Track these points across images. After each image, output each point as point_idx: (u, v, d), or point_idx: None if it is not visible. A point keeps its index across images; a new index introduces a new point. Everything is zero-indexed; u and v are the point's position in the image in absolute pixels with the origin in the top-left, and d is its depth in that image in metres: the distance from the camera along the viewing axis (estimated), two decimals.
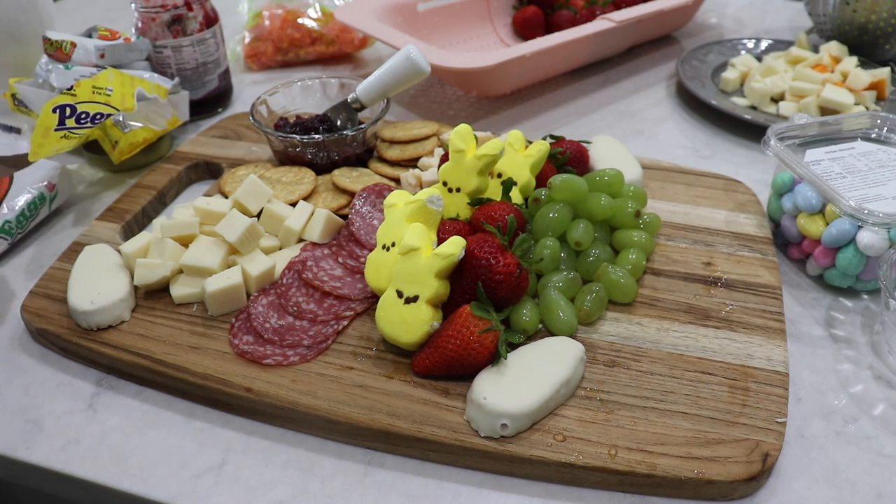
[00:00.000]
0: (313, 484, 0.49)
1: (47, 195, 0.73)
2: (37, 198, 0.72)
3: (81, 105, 0.74)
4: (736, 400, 0.52)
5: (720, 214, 0.71)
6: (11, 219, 0.70)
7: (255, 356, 0.55)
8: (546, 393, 0.50)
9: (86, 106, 0.75)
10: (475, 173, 0.61)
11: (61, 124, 0.73)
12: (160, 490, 0.49)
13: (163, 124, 0.80)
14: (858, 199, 0.62)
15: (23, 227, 0.71)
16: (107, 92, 0.76)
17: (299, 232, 0.66)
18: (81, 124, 0.74)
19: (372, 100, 0.77)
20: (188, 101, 0.85)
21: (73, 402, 0.55)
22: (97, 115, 0.74)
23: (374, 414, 0.51)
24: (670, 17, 1.11)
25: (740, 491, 0.48)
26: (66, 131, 0.73)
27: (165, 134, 0.84)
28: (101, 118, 0.74)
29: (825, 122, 0.72)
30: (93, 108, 0.74)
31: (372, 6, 0.99)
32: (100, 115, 0.75)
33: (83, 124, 0.74)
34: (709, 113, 0.94)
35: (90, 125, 0.74)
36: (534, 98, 0.98)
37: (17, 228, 0.70)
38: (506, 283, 0.53)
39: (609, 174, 0.65)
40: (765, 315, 0.59)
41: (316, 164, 0.76)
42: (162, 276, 0.60)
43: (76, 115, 0.74)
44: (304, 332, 0.58)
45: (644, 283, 0.63)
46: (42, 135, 0.72)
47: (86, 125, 0.74)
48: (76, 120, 0.74)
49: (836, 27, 1.02)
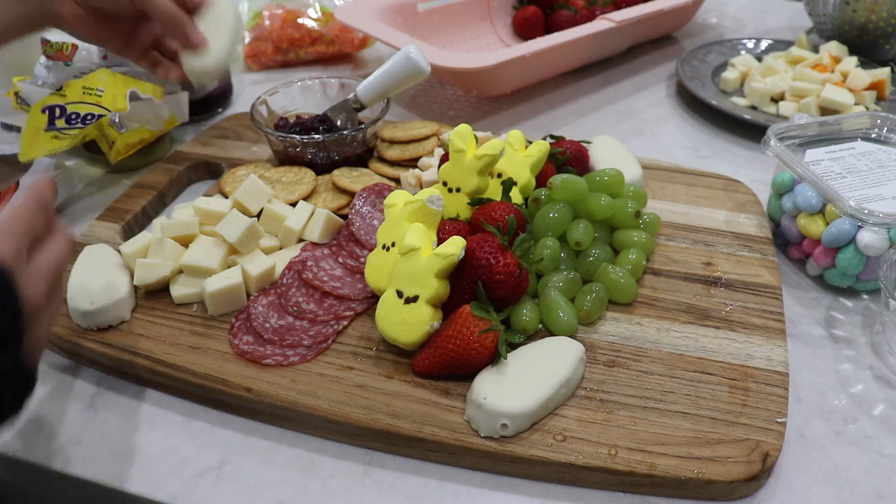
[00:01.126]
0: (313, 484, 0.49)
1: None
2: None
3: (71, 106, 0.74)
4: (736, 400, 0.52)
5: (720, 214, 0.71)
6: None
7: (255, 356, 0.55)
8: (546, 393, 0.50)
9: (76, 107, 0.74)
10: (475, 173, 0.61)
11: (51, 125, 0.72)
12: (160, 490, 0.49)
13: (159, 125, 0.80)
14: (858, 199, 0.62)
15: None
16: (97, 93, 0.75)
17: (299, 232, 0.66)
18: (72, 125, 0.73)
19: (372, 100, 0.77)
20: (187, 101, 0.85)
21: (73, 402, 0.55)
22: (88, 116, 0.74)
23: (374, 414, 0.51)
24: (670, 17, 1.11)
25: (740, 491, 0.48)
26: (57, 132, 0.73)
27: (164, 134, 0.84)
28: (93, 119, 0.74)
29: (825, 122, 0.72)
30: (83, 109, 0.74)
31: (372, 6, 0.99)
32: (91, 115, 0.74)
33: (73, 125, 0.73)
34: (709, 113, 0.94)
35: (81, 126, 0.74)
36: (534, 98, 0.98)
37: None
38: (506, 283, 0.53)
39: (609, 174, 0.65)
40: (765, 315, 0.59)
41: (316, 164, 0.76)
42: (162, 276, 0.60)
43: (66, 115, 0.73)
44: (304, 332, 0.58)
45: (644, 283, 0.63)
46: (32, 135, 0.71)
47: (76, 125, 0.73)
48: (66, 121, 0.73)
49: (836, 27, 1.02)
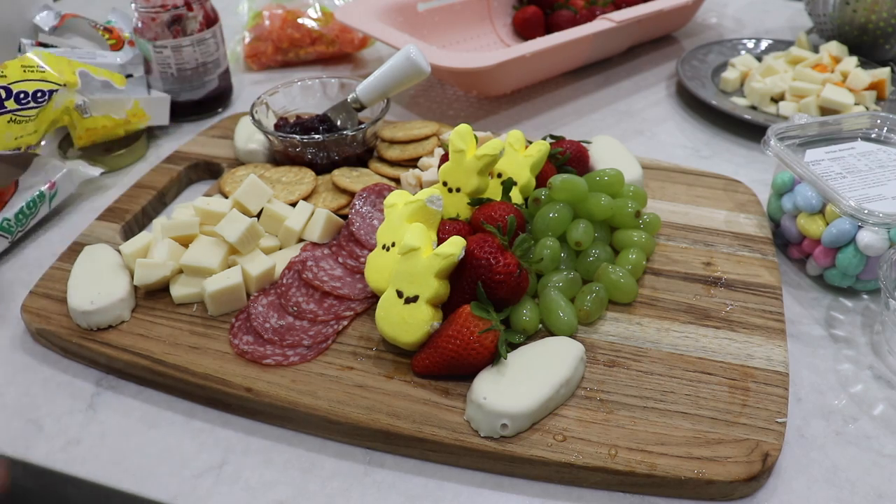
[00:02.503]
0: (313, 484, 0.49)
1: (47, 193, 0.73)
2: (36, 196, 0.72)
3: (16, 85, 0.71)
4: (736, 400, 0.52)
5: (720, 214, 0.71)
6: (10, 216, 0.69)
7: (254, 356, 0.55)
8: (546, 393, 0.50)
9: (21, 85, 0.72)
10: (475, 173, 0.61)
11: (1, 108, 0.71)
12: (160, 490, 0.49)
13: (122, 113, 0.81)
14: (858, 199, 0.62)
15: (22, 224, 0.71)
16: (39, 69, 0.73)
17: (299, 232, 0.66)
18: (23, 105, 0.71)
19: (372, 100, 0.77)
20: (168, 104, 0.85)
21: (73, 402, 0.55)
22: (38, 93, 0.72)
23: (374, 414, 0.51)
24: (670, 17, 1.11)
25: (740, 491, 0.48)
26: (11, 114, 0.71)
27: (142, 132, 0.85)
28: (45, 96, 0.72)
29: (825, 122, 0.72)
30: (30, 87, 0.72)
31: (372, 6, 0.99)
32: (40, 92, 0.72)
33: (25, 105, 0.71)
34: (709, 113, 0.94)
35: (34, 104, 0.72)
36: (534, 98, 0.98)
37: (16, 226, 0.70)
38: (506, 283, 0.53)
39: (609, 174, 0.65)
40: (765, 315, 0.59)
41: (316, 164, 0.76)
42: (162, 276, 0.60)
43: (13, 95, 0.71)
44: (304, 332, 0.58)
45: (644, 283, 0.63)
46: None
47: (29, 105, 0.72)
48: (16, 100, 0.71)
49: (836, 27, 1.02)
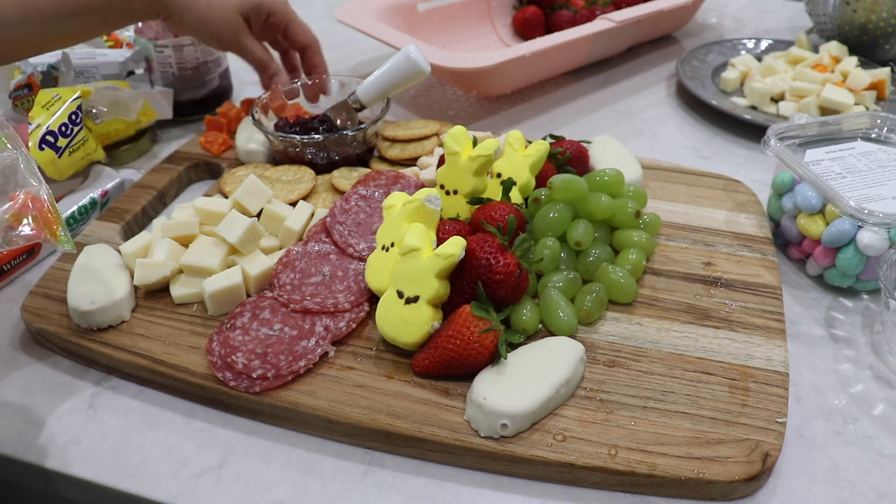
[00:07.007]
0: (313, 484, 0.49)
1: (99, 201, 0.74)
2: (88, 203, 0.73)
3: (52, 124, 0.72)
4: (736, 400, 0.52)
5: (720, 214, 0.71)
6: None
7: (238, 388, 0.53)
8: (546, 393, 0.50)
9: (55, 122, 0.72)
10: (471, 174, 0.61)
11: (57, 151, 0.71)
12: (160, 490, 0.49)
13: (133, 114, 0.81)
14: (858, 199, 0.62)
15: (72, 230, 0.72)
16: (55, 98, 0.73)
17: (299, 232, 0.66)
18: (71, 134, 0.73)
19: (372, 100, 0.77)
20: (171, 97, 0.85)
21: (73, 402, 0.55)
22: (72, 115, 0.73)
23: (374, 414, 0.51)
24: (670, 17, 1.11)
25: (740, 491, 0.48)
26: (69, 150, 0.72)
27: (146, 130, 0.85)
28: (77, 115, 0.74)
29: (825, 122, 0.72)
30: (62, 117, 0.72)
31: (372, 6, 0.99)
32: (72, 114, 0.73)
33: (72, 133, 0.73)
34: (709, 113, 0.94)
35: (78, 127, 0.73)
36: (534, 98, 0.98)
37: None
38: (506, 283, 0.53)
39: (609, 174, 0.65)
40: (765, 315, 0.59)
41: (316, 164, 0.76)
42: (162, 276, 0.60)
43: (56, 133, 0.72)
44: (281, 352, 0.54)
45: (644, 283, 0.63)
46: (53, 167, 0.71)
47: (73, 131, 0.73)
48: (62, 135, 0.72)
49: (836, 27, 1.02)
